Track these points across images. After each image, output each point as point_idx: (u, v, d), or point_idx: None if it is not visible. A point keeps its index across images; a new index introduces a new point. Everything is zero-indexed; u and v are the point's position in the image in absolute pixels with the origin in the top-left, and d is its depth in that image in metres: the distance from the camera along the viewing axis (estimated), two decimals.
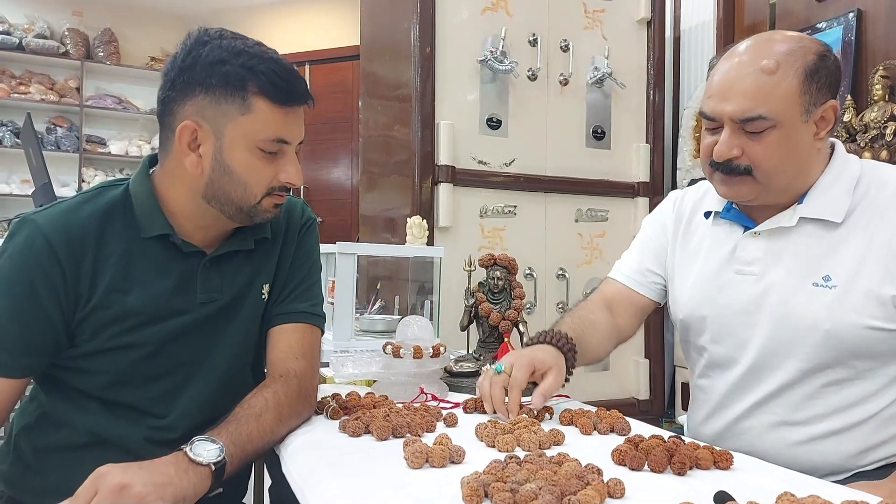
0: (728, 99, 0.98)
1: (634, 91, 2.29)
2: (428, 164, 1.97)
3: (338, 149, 4.89)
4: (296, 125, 0.94)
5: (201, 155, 0.90)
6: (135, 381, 0.94)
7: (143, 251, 0.93)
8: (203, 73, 0.88)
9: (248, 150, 0.90)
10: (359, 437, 0.88)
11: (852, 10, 2.00)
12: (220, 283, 0.98)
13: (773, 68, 0.96)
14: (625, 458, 0.77)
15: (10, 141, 4.58)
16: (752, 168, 0.99)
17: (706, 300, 1.11)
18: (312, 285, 1.07)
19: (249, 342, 1.02)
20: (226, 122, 0.89)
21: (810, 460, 1.00)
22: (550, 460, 0.73)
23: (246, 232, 1.00)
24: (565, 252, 2.18)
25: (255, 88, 0.88)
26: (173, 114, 0.91)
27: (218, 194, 0.92)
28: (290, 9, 5.05)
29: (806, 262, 1.00)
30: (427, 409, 0.98)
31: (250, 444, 0.84)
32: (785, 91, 0.95)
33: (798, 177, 1.02)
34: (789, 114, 0.96)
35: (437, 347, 1.14)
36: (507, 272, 1.30)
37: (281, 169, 0.94)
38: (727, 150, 0.99)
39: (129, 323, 0.92)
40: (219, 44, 0.89)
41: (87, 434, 0.93)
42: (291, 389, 0.93)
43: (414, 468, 0.75)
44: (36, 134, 2.50)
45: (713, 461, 0.77)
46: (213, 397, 0.98)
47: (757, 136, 0.97)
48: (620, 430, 0.93)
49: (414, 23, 1.97)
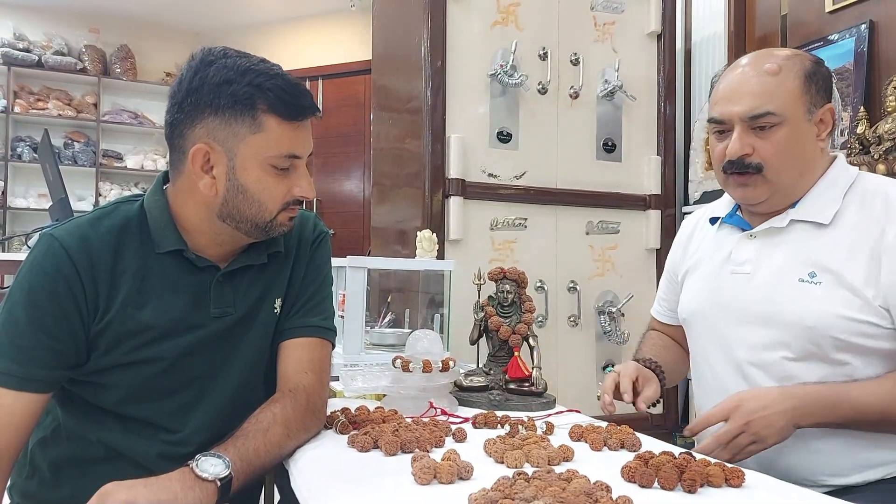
0: (736, 101, 1.05)
1: (645, 103, 2.29)
2: (438, 177, 1.98)
3: (350, 162, 4.92)
4: (305, 139, 0.95)
5: (215, 177, 0.91)
6: (149, 396, 0.94)
7: (157, 266, 0.94)
8: (211, 95, 0.88)
9: (261, 167, 0.91)
10: (367, 452, 0.88)
11: (864, 21, 1.99)
12: (234, 298, 0.98)
13: (777, 70, 1.04)
14: (634, 474, 0.76)
15: (29, 156, 4.66)
16: (763, 166, 1.04)
17: (705, 300, 1.16)
18: (324, 299, 1.07)
19: (262, 357, 1.03)
20: (238, 143, 0.89)
21: (819, 461, 1.01)
22: (559, 477, 0.73)
23: (259, 246, 1.01)
24: (576, 265, 2.18)
25: (264, 106, 0.89)
26: (183, 136, 0.91)
27: (233, 213, 0.93)
28: (303, 24, 5.11)
29: (793, 260, 1.04)
30: (436, 424, 0.98)
31: (257, 458, 0.84)
32: (789, 90, 1.03)
33: (802, 177, 1.07)
34: (794, 111, 1.03)
35: (446, 361, 1.14)
36: (517, 285, 1.29)
37: (294, 183, 0.95)
38: (740, 147, 1.05)
39: (144, 338, 0.92)
40: (224, 63, 0.89)
41: (102, 448, 0.94)
42: (300, 404, 0.94)
43: (422, 484, 0.75)
44: (53, 149, 2.55)
45: (724, 479, 0.76)
46: (226, 412, 0.98)
47: (766, 134, 1.04)
48: (631, 446, 0.92)
49: (425, 37, 1.99)
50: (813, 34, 2.17)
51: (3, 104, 4.66)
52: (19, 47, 4.70)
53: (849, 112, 2.01)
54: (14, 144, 4.71)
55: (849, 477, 1.01)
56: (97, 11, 4.97)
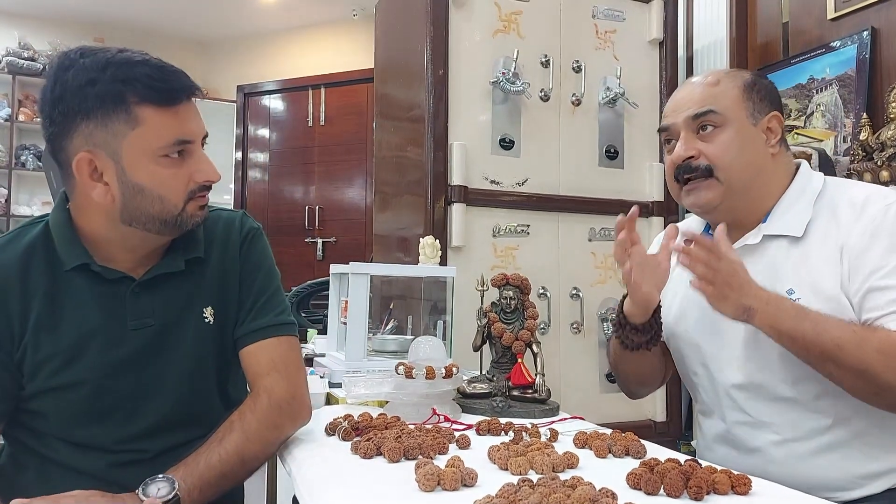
0: (679, 109, 1.10)
1: (647, 110, 2.29)
2: (441, 184, 1.98)
3: (352, 169, 4.93)
4: (192, 120, 0.89)
5: (107, 182, 0.86)
6: (84, 421, 0.92)
7: (66, 285, 0.91)
8: (76, 100, 0.83)
9: (152, 162, 0.86)
10: (371, 459, 0.88)
11: (866, 28, 1.99)
12: (152, 308, 0.94)
13: (716, 82, 1.09)
14: (640, 481, 0.76)
15: (33, 164, 4.68)
16: (712, 168, 1.06)
17: (687, 319, 1.15)
18: (271, 296, 1.02)
19: (203, 368, 0.98)
20: (119, 142, 0.84)
21: (818, 475, 1.00)
22: (564, 483, 0.72)
23: (176, 253, 0.96)
24: (579, 271, 2.17)
25: (135, 98, 0.83)
26: (63, 149, 0.86)
27: (136, 215, 0.88)
28: (306, 33, 5.14)
29: (770, 278, 1.03)
30: (439, 431, 0.97)
31: (210, 470, 0.83)
32: (729, 95, 1.08)
33: (756, 181, 1.07)
34: (736, 113, 1.07)
35: (449, 368, 1.13)
36: (520, 292, 1.29)
37: (194, 169, 0.90)
38: (684, 150, 1.08)
39: (61, 360, 0.89)
40: (82, 64, 0.84)
41: (56, 466, 0.93)
42: (260, 405, 0.92)
43: (425, 491, 0.74)
44: None
45: (731, 486, 0.75)
46: (172, 426, 0.96)
47: (710, 136, 1.07)
48: (636, 453, 0.91)
49: (427, 45, 2.00)
50: (814, 41, 2.18)
51: (8, 113, 4.68)
52: (24, 56, 4.73)
53: (851, 119, 2.02)
54: (18, 153, 4.73)
55: (850, 492, 1.00)
56: (102, 21, 5.00)
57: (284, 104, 5.13)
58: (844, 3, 2.07)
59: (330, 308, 1.60)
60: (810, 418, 1.01)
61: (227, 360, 1.02)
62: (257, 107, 5.20)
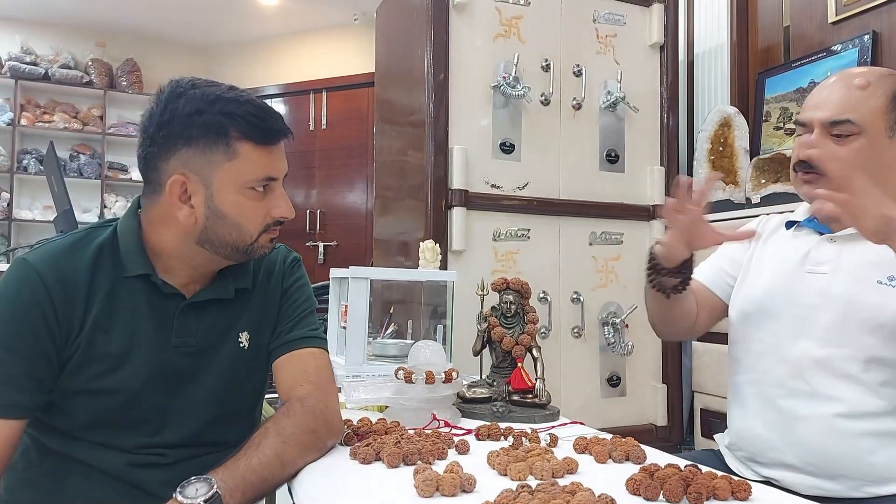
0: (821, 108, 1.10)
1: (648, 114, 2.29)
2: (441, 189, 1.98)
3: (353, 174, 4.94)
4: (280, 160, 0.96)
5: (194, 206, 0.91)
6: (113, 426, 0.94)
7: (125, 290, 0.94)
8: (182, 126, 0.88)
9: (238, 193, 0.92)
10: (370, 465, 0.88)
11: (867, 32, 1.99)
12: (196, 329, 0.98)
13: (864, 85, 1.08)
14: (639, 487, 0.75)
15: (35, 168, 4.69)
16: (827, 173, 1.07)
17: (778, 292, 1.16)
18: (307, 315, 1.07)
19: (234, 391, 1.02)
20: (213, 170, 0.90)
21: (857, 458, 1.02)
22: (563, 489, 0.72)
23: (227, 280, 1.01)
24: (580, 275, 2.17)
25: (236, 133, 0.89)
26: (158, 169, 0.91)
27: (212, 238, 0.93)
28: (307, 38, 5.15)
29: (872, 264, 1.06)
30: (439, 436, 0.97)
31: (252, 473, 0.83)
32: (873, 105, 1.07)
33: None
34: (875, 125, 1.07)
35: (449, 372, 1.13)
36: (520, 296, 1.29)
37: (273, 205, 0.95)
38: (813, 152, 1.09)
39: (107, 363, 0.92)
40: (193, 94, 0.90)
41: (74, 463, 0.94)
42: (295, 413, 0.93)
43: (424, 497, 0.74)
44: (59, 162, 2.56)
45: (731, 492, 0.75)
46: (197, 442, 0.98)
47: (843, 142, 1.07)
48: (636, 458, 0.91)
49: (428, 50, 2.00)
50: (815, 45, 2.18)
51: (10, 117, 4.70)
52: (26, 61, 4.75)
53: None
54: (20, 157, 4.74)
55: (882, 486, 1.01)
56: (104, 26, 5.02)
57: (286, 108, 5.14)
58: (845, 7, 2.07)
59: (330, 312, 1.60)
60: (869, 401, 1.03)
61: (257, 384, 1.06)
62: None
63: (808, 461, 1.05)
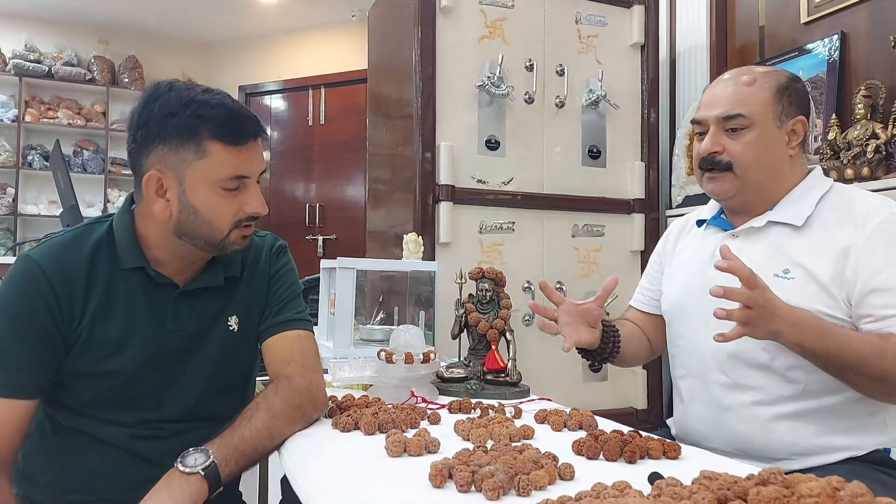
0: (713, 105, 1.20)
1: (629, 111, 2.38)
2: (429, 184, 2.08)
3: (350, 167, 5.03)
4: (252, 160, 1.02)
5: (168, 200, 1.00)
6: (116, 403, 1.04)
7: (123, 282, 1.04)
8: (157, 127, 0.97)
9: (210, 190, 0.99)
10: (349, 433, 0.98)
11: (836, 32, 2.08)
12: (189, 315, 1.07)
13: (751, 81, 1.18)
14: (583, 448, 0.85)
15: (40, 164, 4.79)
16: (732, 164, 1.17)
17: (690, 291, 1.27)
18: (293, 299, 1.15)
19: (225, 370, 1.11)
20: (185, 168, 0.98)
21: (779, 438, 1.11)
22: (514, 449, 0.82)
23: (217, 269, 1.09)
24: (563, 266, 2.27)
25: (207, 134, 0.97)
26: (139, 164, 1.00)
27: (187, 231, 1.02)
28: (306, 34, 5.23)
29: (770, 258, 1.15)
30: (414, 409, 1.07)
31: (244, 443, 0.93)
32: (760, 98, 1.17)
33: (770, 178, 1.18)
34: (764, 117, 1.17)
35: (427, 354, 1.23)
36: (495, 284, 1.39)
37: (245, 202, 1.02)
38: (711, 144, 1.19)
39: (108, 349, 1.02)
40: (168, 98, 0.98)
41: (81, 434, 1.04)
42: (282, 389, 1.02)
43: (393, 457, 0.84)
44: (64, 159, 2.65)
45: (663, 452, 0.85)
46: (193, 417, 1.08)
47: (737, 135, 1.18)
48: (588, 427, 1.01)
49: (416, 49, 2.09)
50: (788, 44, 2.26)
51: (15, 114, 4.79)
52: (30, 58, 4.83)
53: (822, 119, 2.10)
54: (25, 153, 4.84)
55: (807, 458, 1.10)
56: (107, 23, 5.10)
57: (285, 104, 5.23)
58: (816, 8, 2.16)
59: (321, 300, 1.70)
60: (781, 386, 1.12)
61: (247, 363, 1.16)
62: (259, 106, 5.30)
63: (737, 447, 1.15)
